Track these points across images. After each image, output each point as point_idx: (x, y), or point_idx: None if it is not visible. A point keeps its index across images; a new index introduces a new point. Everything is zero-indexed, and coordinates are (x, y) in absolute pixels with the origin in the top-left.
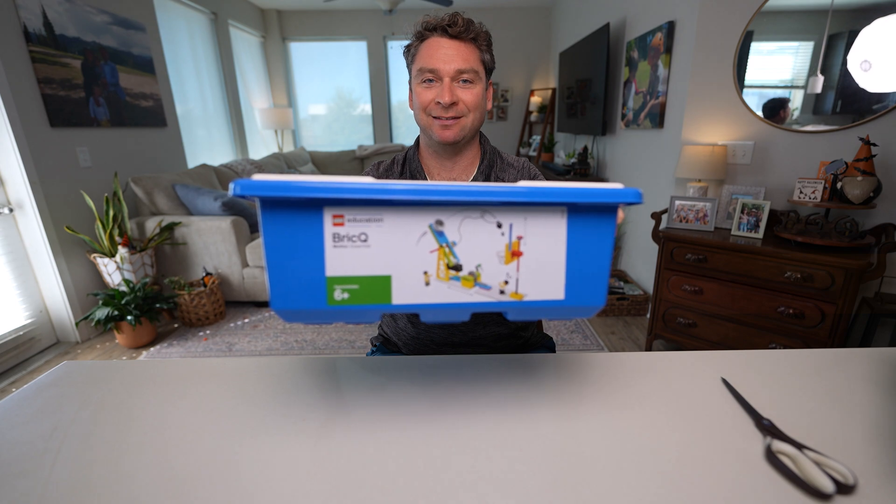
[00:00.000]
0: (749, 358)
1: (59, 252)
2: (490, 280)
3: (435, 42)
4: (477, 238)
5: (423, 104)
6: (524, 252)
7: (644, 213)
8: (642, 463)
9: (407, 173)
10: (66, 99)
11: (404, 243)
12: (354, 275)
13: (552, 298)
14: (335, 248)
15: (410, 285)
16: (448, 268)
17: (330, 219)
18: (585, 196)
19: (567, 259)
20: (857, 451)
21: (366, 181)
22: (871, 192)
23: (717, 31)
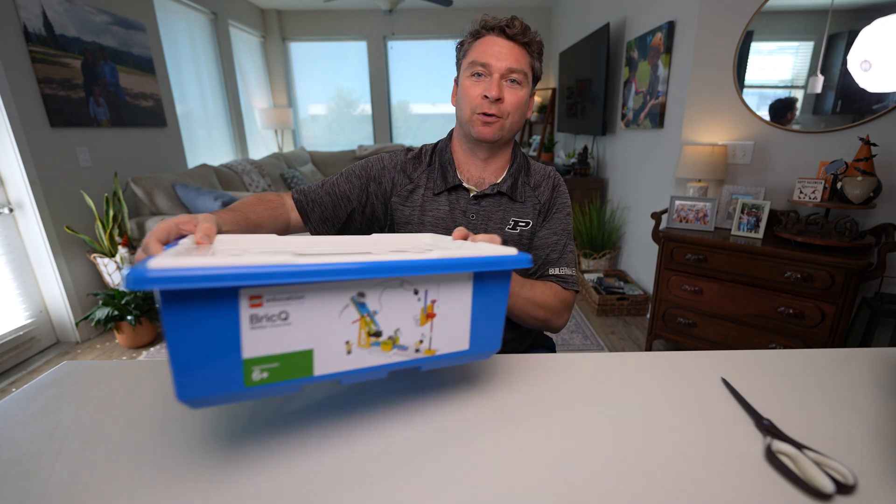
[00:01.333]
0: (749, 358)
1: (59, 252)
2: (407, 341)
3: (490, 40)
4: (396, 305)
5: (470, 98)
6: (437, 314)
7: (644, 213)
8: (642, 463)
9: (436, 164)
10: (66, 99)
11: (327, 317)
12: (274, 353)
13: (459, 350)
14: (253, 329)
15: (332, 356)
16: (369, 335)
17: (247, 301)
18: (488, 264)
19: (472, 316)
20: (857, 451)
21: (284, 260)
22: (871, 192)
23: (717, 31)
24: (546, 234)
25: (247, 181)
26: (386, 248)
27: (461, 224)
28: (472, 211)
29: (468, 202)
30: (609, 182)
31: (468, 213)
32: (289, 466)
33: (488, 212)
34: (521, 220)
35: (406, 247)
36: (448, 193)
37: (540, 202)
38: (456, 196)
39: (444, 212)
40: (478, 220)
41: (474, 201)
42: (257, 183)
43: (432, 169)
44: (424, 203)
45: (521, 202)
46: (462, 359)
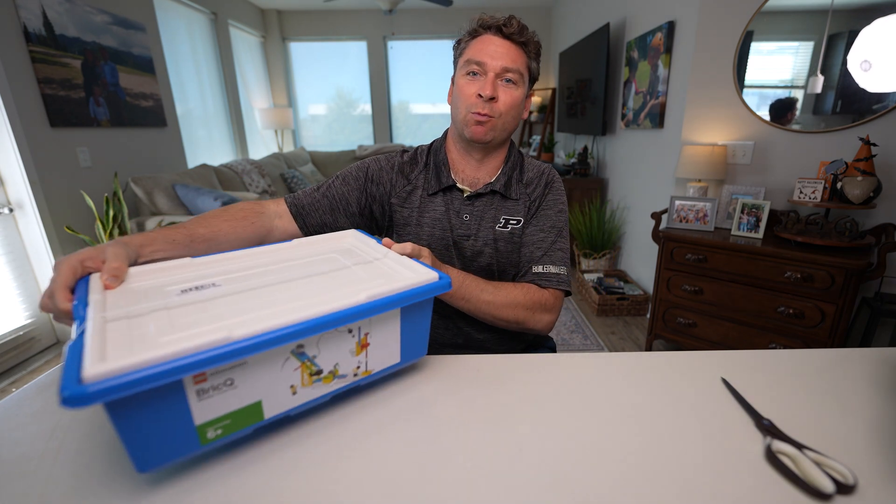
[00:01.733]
0: (749, 358)
1: (59, 252)
2: (345, 370)
3: (487, 38)
4: (333, 346)
5: (464, 97)
6: (371, 343)
7: (644, 213)
8: (642, 463)
9: (431, 165)
10: (67, 99)
11: (270, 372)
12: (225, 413)
13: (391, 364)
14: (201, 401)
15: (279, 399)
16: (310, 375)
17: (191, 381)
18: (413, 297)
19: (401, 336)
20: (857, 451)
21: (222, 339)
22: (871, 192)
23: (717, 31)
24: (533, 230)
25: (247, 181)
26: (306, 255)
27: (455, 224)
28: (466, 211)
29: (462, 202)
30: (609, 182)
31: (462, 214)
32: (290, 464)
33: (481, 211)
34: (511, 217)
35: (328, 248)
36: (443, 194)
37: (531, 199)
38: (451, 196)
39: (441, 212)
40: (471, 220)
41: (468, 201)
42: (257, 183)
43: (428, 169)
44: (422, 204)
45: (515, 200)
46: (394, 370)
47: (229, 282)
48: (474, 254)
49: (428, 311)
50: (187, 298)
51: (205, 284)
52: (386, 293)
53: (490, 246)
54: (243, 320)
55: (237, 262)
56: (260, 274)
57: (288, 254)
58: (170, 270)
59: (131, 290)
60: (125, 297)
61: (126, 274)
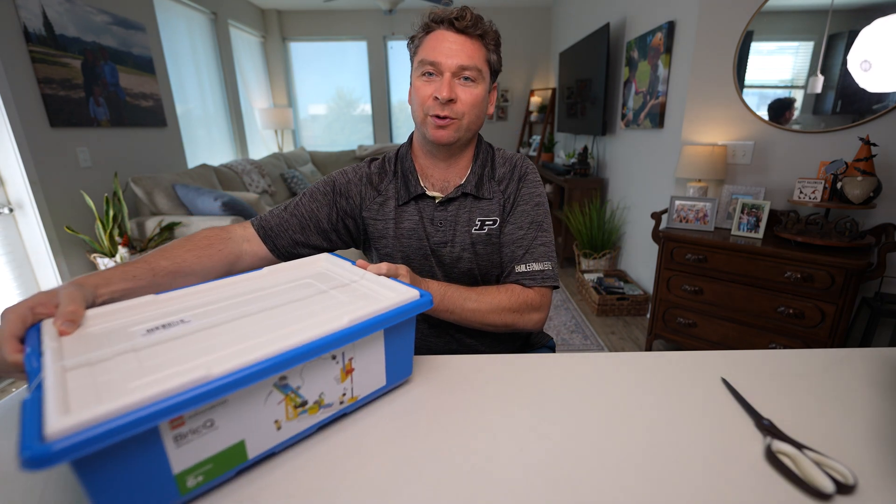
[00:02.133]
0: (749, 358)
1: (59, 252)
2: (331, 399)
3: (440, 35)
4: (317, 374)
5: (420, 99)
6: (355, 368)
7: (644, 213)
8: (642, 463)
9: (399, 173)
10: (66, 99)
11: (252, 409)
12: (206, 458)
13: (377, 388)
14: (179, 447)
15: (263, 437)
16: (295, 408)
17: (167, 427)
18: (396, 317)
19: (386, 358)
20: (857, 451)
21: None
22: (871, 192)
23: (717, 31)
24: (511, 229)
25: (247, 181)
26: (279, 283)
27: (431, 232)
28: (439, 218)
29: (434, 209)
30: (609, 182)
31: (435, 221)
32: (291, 461)
33: (455, 216)
34: (487, 218)
35: (302, 274)
36: (415, 202)
37: (504, 196)
38: (422, 204)
39: (415, 221)
40: (446, 226)
41: (441, 207)
42: (257, 183)
43: (397, 178)
44: (398, 215)
45: (488, 199)
46: (380, 392)
47: (199, 317)
48: (453, 260)
49: (411, 331)
50: (155, 338)
51: (172, 322)
52: (368, 315)
53: (468, 251)
54: (220, 356)
55: (205, 296)
56: (231, 306)
57: (259, 283)
58: (132, 309)
59: (91, 335)
60: (85, 343)
61: (83, 317)
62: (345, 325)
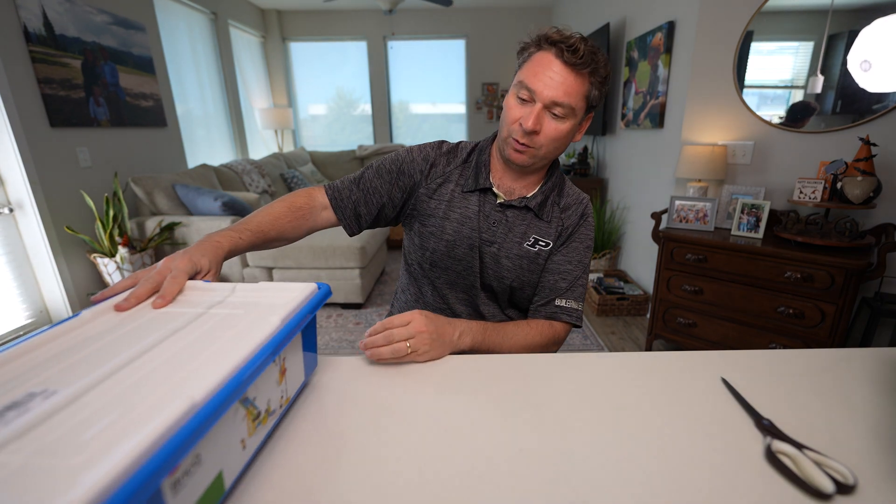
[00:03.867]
0: (749, 358)
1: (59, 252)
2: (275, 405)
3: (546, 59)
4: (264, 380)
5: (509, 119)
6: (287, 367)
7: (644, 213)
8: (642, 463)
9: (472, 163)
10: (66, 99)
11: (226, 432)
12: (195, 500)
13: (300, 384)
14: (176, 495)
15: (233, 461)
16: (253, 421)
17: (166, 478)
18: (312, 310)
19: (303, 353)
20: (857, 451)
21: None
22: (871, 192)
23: (717, 31)
24: (561, 260)
25: (247, 181)
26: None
27: (483, 227)
28: (495, 218)
29: (493, 207)
30: (609, 182)
31: (491, 219)
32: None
33: (511, 222)
34: (541, 238)
35: (142, 317)
36: (479, 194)
37: (564, 225)
38: (484, 199)
39: (473, 211)
40: (498, 227)
41: (499, 208)
42: (257, 183)
43: (467, 166)
44: (453, 199)
45: (547, 221)
46: (301, 389)
47: (63, 380)
48: (494, 262)
49: (314, 322)
50: (13, 427)
51: (20, 400)
52: (292, 312)
53: (512, 261)
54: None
55: (40, 355)
56: (95, 358)
57: (89, 331)
58: None
59: None
60: None
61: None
62: (278, 326)
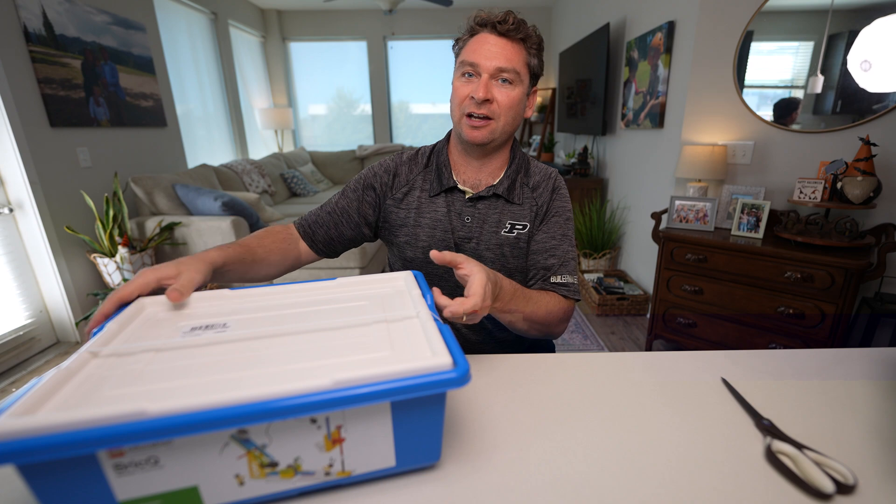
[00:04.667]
0: (749, 358)
1: (59, 252)
2: (312, 466)
3: (483, 38)
4: (291, 436)
5: (458, 98)
6: (346, 437)
7: (644, 213)
8: (642, 463)
9: (433, 166)
10: (66, 99)
11: (205, 456)
12: (153, 493)
13: (383, 467)
14: (121, 476)
15: (223, 489)
16: (262, 466)
17: (106, 455)
18: (404, 392)
19: (395, 436)
20: (857, 451)
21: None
22: (871, 192)
23: (717, 31)
24: (544, 238)
25: (247, 181)
26: (340, 298)
27: (457, 226)
28: (468, 213)
29: (463, 204)
30: (609, 182)
31: (463, 216)
32: None
33: (484, 214)
34: (517, 222)
35: (363, 294)
36: (445, 195)
37: (538, 204)
38: (452, 198)
39: (442, 213)
40: (473, 222)
41: (469, 203)
42: (257, 183)
43: (429, 171)
44: (421, 205)
45: (519, 204)
46: (389, 473)
47: (240, 325)
48: (475, 257)
49: (439, 408)
50: (185, 341)
51: (216, 324)
52: (362, 379)
53: (493, 251)
54: (194, 386)
55: (268, 299)
56: (276, 319)
57: (324, 294)
58: (204, 301)
59: (154, 321)
60: (140, 329)
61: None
62: (325, 387)
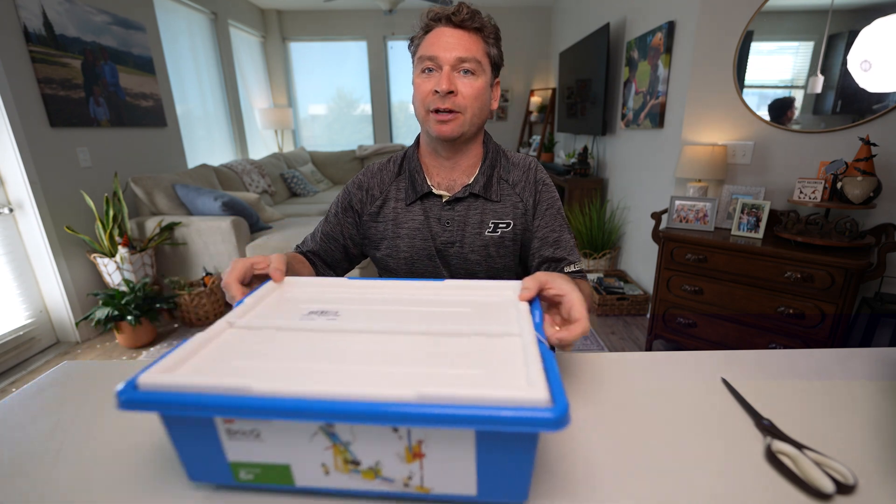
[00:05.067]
0: (749, 358)
1: (59, 252)
2: (392, 474)
3: (438, 31)
4: (373, 440)
5: (421, 95)
6: (426, 454)
7: (644, 213)
8: (642, 463)
9: (405, 172)
10: (66, 99)
11: (297, 440)
12: (254, 461)
13: (463, 493)
14: (231, 440)
15: (310, 474)
16: (346, 462)
17: (221, 420)
18: (486, 421)
19: (478, 465)
20: (857, 451)
21: (238, 390)
22: (871, 192)
23: (717, 31)
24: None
25: (247, 181)
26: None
27: (437, 232)
28: (447, 217)
29: (441, 208)
30: (609, 182)
31: (442, 220)
32: None
33: (463, 216)
34: (500, 221)
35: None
36: (420, 202)
37: (523, 201)
38: (429, 204)
39: (419, 221)
40: (453, 225)
41: (447, 207)
42: (257, 183)
43: (402, 178)
44: (398, 216)
45: (498, 201)
46: (468, 501)
47: (349, 315)
48: (461, 261)
49: (529, 447)
50: (301, 324)
51: (329, 311)
52: (446, 399)
53: (478, 253)
54: (294, 369)
55: (380, 293)
56: (382, 314)
57: (431, 294)
58: (322, 287)
59: (284, 300)
60: (272, 306)
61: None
62: (410, 399)
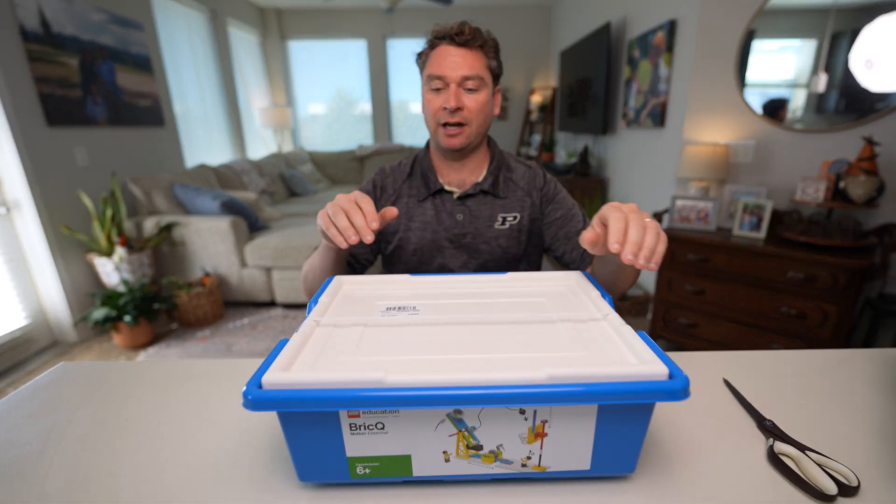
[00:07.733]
0: (751, 358)
1: (56, 252)
2: (511, 456)
3: (443, 50)
4: (499, 423)
5: (432, 111)
6: (548, 433)
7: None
8: (643, 463)
9: (417, 173)
10: (64, 98)
11: (422, 430)
12: (374, 455)
13: (576, 469)
14: (353, 435)
15: (430, 462)
16: (468, 448)
17: (346, 415)
18: (614, 395)
19: (595, 440)
20: (859, 452)
21: (372, 382)
22: (874, 192)
23: (719, 29)
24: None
25: (246, 181)
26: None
27: (449, 225)
28: (459, 211)
29: (453, 203)
30: (610, 182)
31: (455, 214)
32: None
33: (475, 210)
34: (508, 214)
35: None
36: (433, 198)
37: (530, 196)
38: (441, 199)
39: (431, 215)
40: (465, 219)
41: (459, 202)
42: (256, 183)
43: (414, 178)
44: (409, 210)
45: (505, 197)
46: (579, 475)
47: (429, 309)
48: (472, 251)
49: (645, 418)
50: (386, 319)
51: (407, 306)
52: (576, 378)
53: (490, 244)
54: (411, 362)
55: (447, 287)
56: (460, 307)
57: (499, 287)
58: (388, 284)
59: (353, 298)
60: (344, 305)
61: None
62: (541, 381)
